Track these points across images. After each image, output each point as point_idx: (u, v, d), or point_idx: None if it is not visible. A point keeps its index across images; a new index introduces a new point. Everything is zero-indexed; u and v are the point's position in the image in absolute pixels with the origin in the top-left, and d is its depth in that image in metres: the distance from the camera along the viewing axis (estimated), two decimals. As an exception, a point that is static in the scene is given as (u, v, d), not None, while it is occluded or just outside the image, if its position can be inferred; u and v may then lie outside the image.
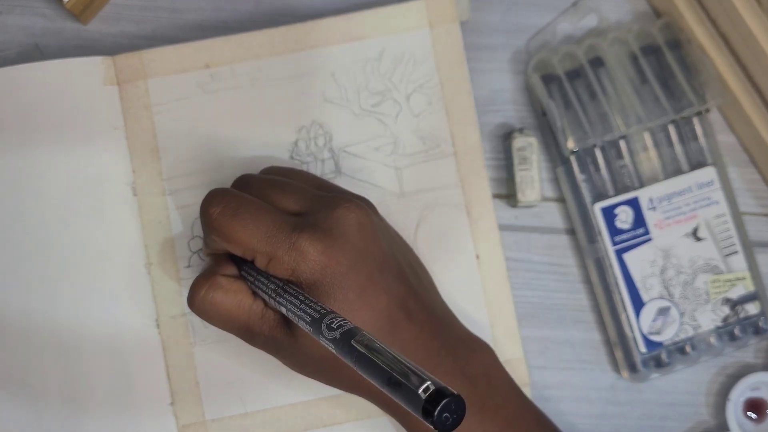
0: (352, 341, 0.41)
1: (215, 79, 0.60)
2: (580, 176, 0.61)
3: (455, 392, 0.36)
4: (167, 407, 0.58)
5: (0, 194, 0.59)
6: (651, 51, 0.62)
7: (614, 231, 0.61)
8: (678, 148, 0.62)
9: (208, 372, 0.59)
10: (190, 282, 0.58)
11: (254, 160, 0.60)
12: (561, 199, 0.63)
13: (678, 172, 0.62)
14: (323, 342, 0.43)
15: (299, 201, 0.53)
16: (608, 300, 0.61)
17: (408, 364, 0.38)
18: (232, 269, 0.54)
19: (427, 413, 0.36)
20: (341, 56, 0.61)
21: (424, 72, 0.61)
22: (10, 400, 0.58)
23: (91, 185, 0.59)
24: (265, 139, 0.60)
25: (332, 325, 0.43)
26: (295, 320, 0.47)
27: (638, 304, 0.60)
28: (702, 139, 0.62)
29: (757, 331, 0.61)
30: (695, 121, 0.62)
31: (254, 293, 0.53)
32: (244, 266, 0.53)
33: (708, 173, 0.61)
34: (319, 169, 0.60)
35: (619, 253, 0.61)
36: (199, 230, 0.59)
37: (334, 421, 0.59)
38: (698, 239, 0.61)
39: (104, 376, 0.58)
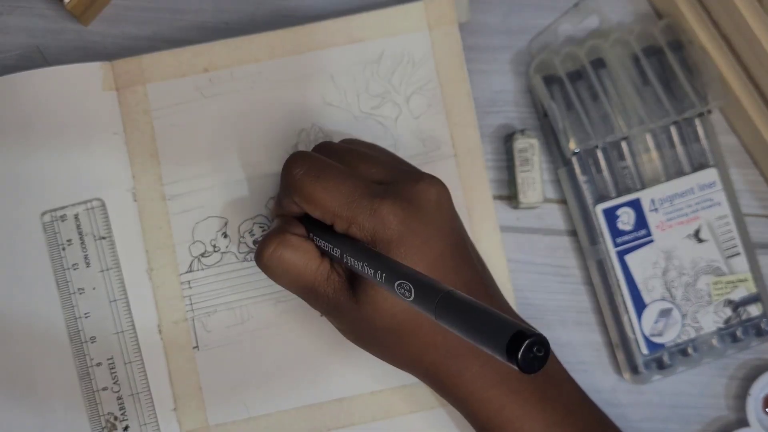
0: (432, 292, 0.41)
1: (214, 82, 0.60)
2: (581, 177, 0.61)
3: (538, 332, 0.36)
4: (170, 413, 0.59)
5: (1, 200, 0.59)
6: (653, 52, 0.61)
7: (616, 232, 0.60)
8: (680, 149, 0.62)
9: (210, 377, 0.59)
10: (192, 286, 0.59)
11: (254, 163, 0.60)
12: (562, 201, 0.63)
13: (680, 173, 0.61)
14: (399, 297, 0.43)
15: (381, 171, 0.53)
16: (610, 301, 0.61)
17: (491, 311, 0.38)
18: (301, 230, 0.54)
19: (511, 355, 0.36)
20: (341, 58, 0.61)
21: (423, 74, 0.61)
22: (14, 404, 0.58)
23: (92, 191, 0.59)
24: (265, 142, 0.60)
25: (402, 286, 0.43)
26: (371, 277, 0.47)
27: (640, 305, 0.60)
28: (704, 141, 0.62)
29: (759, 333, 0.61)
30: (697, 122, 0.62)
31: (322, 255, 0.53)
32: (314, 228, 0.53)
33: (710, 174, 0.61)
34: (320, 172, 0.60)
35: (621, 255, 0.60)
36: (199, 235, 0.59)
37: (339, 425, 0.59)
38: (700, 241, 0.61)
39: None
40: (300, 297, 0.54)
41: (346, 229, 0.51)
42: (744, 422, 0.61)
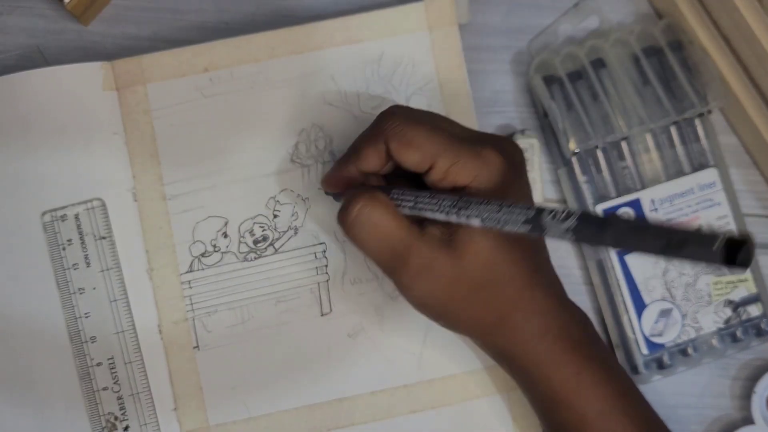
0: (600, 219, 0.42)
1: (214, 82, 0.60)
2: (581, 178, 0.61)
3: (747, 234, 0.38)
4: (171, 413, 0.59)
5: (1, 200, 0.59)
6: (653, 52, 0.61)
7: (616, 232, 0.60)
8: (680, 149, 0.62)
9: (211, 377, 0.59)
10: (192, 286, 0.59)
11: (255, 163, 0.60)
12: (563, 201, 0.63)
13: (680, 173, 0.61)
14: (556, 232, 0.43)
15: (464, 130, 0.53)
16: (610, 302, 0.61)
17: (673, 225, 0.40)
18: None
19: (728, 259, 0.38)
20: (341, 59, 0.61)
21: (423, 74, 0.61)
22: (14, 404, 0.58)
23: (92, 191, 0.59)
24: (265, 142, 0.60)
25: (558, 215, 0.43)
26: (498, 225, 0.45)
27: (640, 305, 0.60)
28: (704, 141, 0.62)
29: (759, 333, 0.61)
30: (697, 122, 0.62)
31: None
32: (395, 189, 0.51)
33: (710, 175, 0.61)
34: (320, 172, 0.60)
35: (621, 255, 0.60)
36: (199, 235, 0.60)
37: (339, 425, 0.59)
38: (700, 241, 0.61)
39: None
40: (381, 265, 0.51)
41: (446, 170, 0.49)
42: (745, 422, 0.61)
